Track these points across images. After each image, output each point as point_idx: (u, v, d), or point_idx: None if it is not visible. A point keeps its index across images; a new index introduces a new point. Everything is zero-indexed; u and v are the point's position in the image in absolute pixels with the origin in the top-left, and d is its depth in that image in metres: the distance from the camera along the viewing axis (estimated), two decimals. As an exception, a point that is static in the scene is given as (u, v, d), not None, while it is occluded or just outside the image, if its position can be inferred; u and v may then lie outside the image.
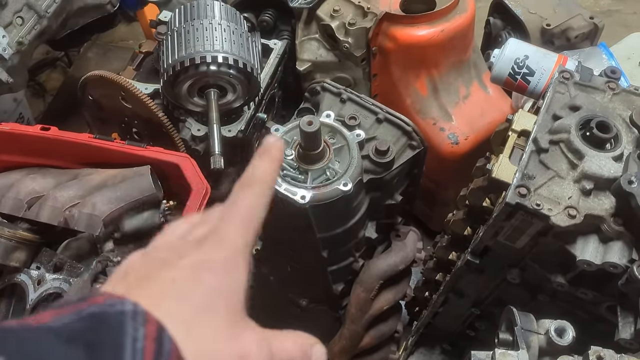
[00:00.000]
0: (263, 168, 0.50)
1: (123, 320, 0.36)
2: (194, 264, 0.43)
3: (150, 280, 0.42)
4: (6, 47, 1.38)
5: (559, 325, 0.82)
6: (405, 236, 1.46)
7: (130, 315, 0.36)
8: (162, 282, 0.42)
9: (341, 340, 1.51)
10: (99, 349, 0.34)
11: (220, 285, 0.43)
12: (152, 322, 0.36)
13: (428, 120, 1.57)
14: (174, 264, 0.44)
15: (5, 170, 1.30)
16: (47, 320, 0.36)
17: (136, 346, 0.35)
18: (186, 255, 0.44)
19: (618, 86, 1.04)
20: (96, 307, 0.37)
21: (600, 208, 0.90)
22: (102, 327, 0.35)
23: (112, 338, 0.35)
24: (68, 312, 0.36)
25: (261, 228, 0.49)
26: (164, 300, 0.40)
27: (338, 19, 1.50)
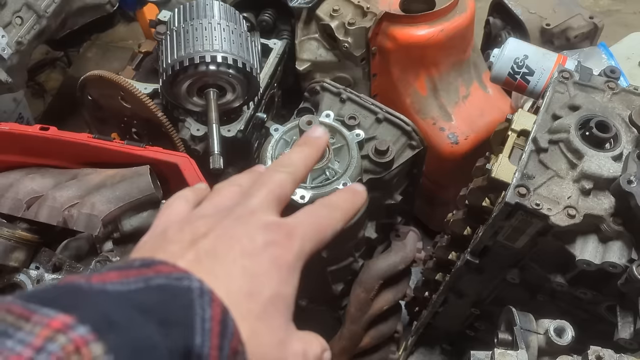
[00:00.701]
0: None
1: (191, 298, 0.35)
2: (271, 255, 0.43)
3: (217, 260, 0.41)
4: (5, 47, 1.38)
5: (558, 325, 0.82)
6: (405, 236, 1.46)
7: (197, 294, 0.35)
8: (231, 267, 0.41)
9: (341, 340, 1.51)
10: (170, 326, 0.33)
11: (285, 286, 0.43)
12: (217, 304, 0.36)
13: (428, 120, 1.57)
14: (245, 245, 0.42)
15: (4, 170, 1.30)
16: (113, 281, 0.34)
17: (205, 327, 0.34)
18: (258, 237, 0.43)
19: (617, 86, 1.04)
20: (163, 278, 0.35)
21: (599, 208, 0.89)
22: (173, 303, 0.34)
23: (183, 316, 0.34)
24: (133, 277, 0.35)
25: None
26: (232, 289, 0.39)
27: (337, 19, 1.49)
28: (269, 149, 1.21)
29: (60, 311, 0.29)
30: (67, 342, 0.28)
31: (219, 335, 0.35)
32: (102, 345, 0.29)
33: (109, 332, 0.30)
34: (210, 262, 0.40)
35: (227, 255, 0.41)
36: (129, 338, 0.30)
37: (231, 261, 0.41)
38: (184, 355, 0.33)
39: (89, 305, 0.31)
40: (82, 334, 0.29)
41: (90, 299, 0.32)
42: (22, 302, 0.30)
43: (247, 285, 0.40)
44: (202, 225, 0.44)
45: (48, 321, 0.29)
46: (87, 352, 0.28)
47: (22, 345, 0.27)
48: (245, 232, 0.43)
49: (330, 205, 0.52)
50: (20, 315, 0.29)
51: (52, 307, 0.30)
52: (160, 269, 0.36)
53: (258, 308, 0.40)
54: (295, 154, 0.54)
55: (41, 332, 0.28)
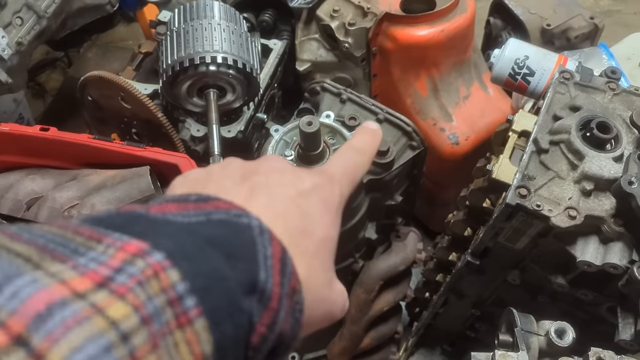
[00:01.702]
0: (363, 140, 0.54)
1: (252, 235, 0.35)
2: (320, 197, 0.44)
3: (273, 198, 0.41)
4: (5, 47, 1.38)
5: (559, 327, 0.82)
6: (406, 237, 1.46)
7: (257, 232, 0.35)
8: (287, 205, 0.41)
9: (341, 341, 1.50)
10: (236, 259, 0.33)
11: (333, 228, 0.45)
12: (277, 243, 0.36)
13: (428, 121, 1.57)
14: (296, 185, 0.43)
15: (4, 171, 1.30)
16: (173, 212, 0.34)
17: (267, 264, 0.34)
18: (305, 179, 0.44)
19: (618, 86, 1.04)
20: (223, 214, 0.36)
21: (600, 209, 0.89)
22: (237, 238, 0.34)
23: (247, 251, 0.34)
24: (193, 210, 0.35)
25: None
26: (289, 227, 0.40)
27: (338, 19, 1.49)
28: (269, 149, 1.20)
29: (133, 237, 0.29)
30: (145, 267, 0.28)
31: (280, 272, 0.35)
32: (178, 271, 0.29)
33: (183, 260, 0.30)
34: (266, 198, 0.41)
35: (282, 193, 0.42)
36: (202, 267, 0.31)
37: (287, 199, 0.42)
38: (250, 289, 0.33)
39: (159, 233, 0.31)
40: (159, 260, 0.29)
41: (159, 228, 0.32)
42: (91, 225, 0.30)
43: (303, 224, 0.41)
44: (252, 164, 0.45)
45: (122, 244, 0.28)
46: (165, 277, 0.28)
47: (96, 264, 0.27)
48: (294, 175, 0.44)
49: (357, 149, 0.53)
50: (90, 237, 0.29)
51: (123, 232, 0.29)
52: (218, 204, 0.36)
53: (312, 247, 0.41)
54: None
55: (117, 254, 0.28)
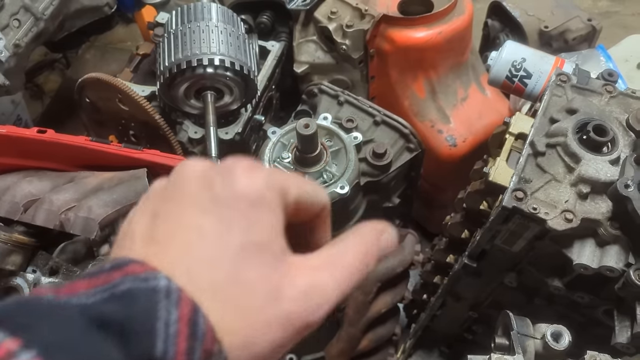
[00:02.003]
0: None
1: (156, 300, 0.32)
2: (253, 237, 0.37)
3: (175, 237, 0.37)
4: (3, 49, 1.38)
5: (555, 330, 0.82)
6: (403, 239, 1.46)
7: (163, 294, 0.32)
8: (215, 249, 0.36)
9: (339, 343, 1.50)
10: (130, 336, 0.31)
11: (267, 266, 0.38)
12: (186, 302, 0.33)
13: (426, 123, 1.57)
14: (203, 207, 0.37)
15: (1, 173, 1.30)
16: (80, 292, 0.32)
17: (169, 332, 0.31)
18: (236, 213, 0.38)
19: (615, 89, 1.04)
20: (130, 281, 0.33)
21: (597, 212, 0.89)
22: (135, 310, 0.32)
23: (144, 323, 0.31)
24: (101, 285, 0.32)
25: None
26: (189, 264, 0.35)
27: (335, 21, 1.49)
28: (266, 151, 1.21)
29: (8, 334, 0.28)
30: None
31: (188, 337, 0.32)
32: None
33: (61, 353, 0.28)
34: (169, 240, 0.37)
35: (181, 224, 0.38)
36: (83, 358, 0.29)
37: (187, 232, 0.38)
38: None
39: (41, 326, 0.29)
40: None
41: (43, 319, 0.30)
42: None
43: (205, 254, 0.36)
44: (210, 182, 0.40)
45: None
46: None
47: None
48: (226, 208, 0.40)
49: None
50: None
51: (2, 327, 0.28)
52: (130, 270, 0.33)
53: (244, 291, 0.36)
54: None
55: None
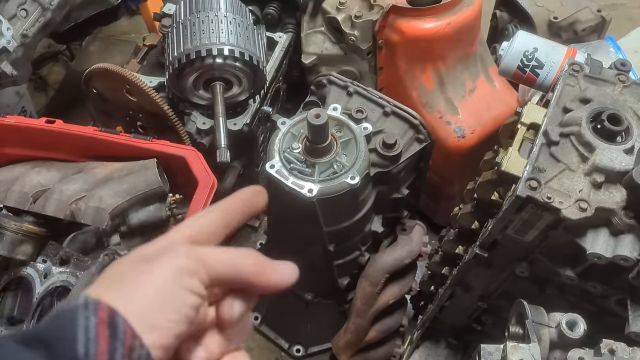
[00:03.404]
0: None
1: (76, 312, 0.37)
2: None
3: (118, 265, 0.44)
4: (10, 39, 1.37)
5: (571, 319, 0.82)
6: (411, 230, 1.46)
7: (82, 307, 0.38)
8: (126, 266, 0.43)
9: (347, 334, 1.51)
10: (55, 345, 0.36)
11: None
12: (104, 308, 0.38)
13: (434, 114, 1.57)
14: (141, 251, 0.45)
15: (10, 164, 1.30)
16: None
17: (89, 335, 0.36)
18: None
19: (628, 79, 1.03)
20: (58, 309, 0.39)
21: (611, 201, 0.89)
22: (57, 324, 0.37)
23: (67, 332, 0.36)
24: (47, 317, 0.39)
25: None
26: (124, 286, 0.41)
27: (344, 12, 1.49)
28: (276, 142, 1.20)
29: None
30: None
31: (109, 336, 0.37)
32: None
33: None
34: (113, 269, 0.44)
35: (127, 259, 0.45)
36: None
37: (128, 261, 0.45)
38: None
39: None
40: None
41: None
42: None
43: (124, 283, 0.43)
44: None
45: None
46: None
47: None
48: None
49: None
50: None
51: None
52: (63, 303, 0.42)
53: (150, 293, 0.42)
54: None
55: None
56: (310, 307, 1.60)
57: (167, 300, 0.40)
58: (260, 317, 1.79)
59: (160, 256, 0.43)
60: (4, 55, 1.38)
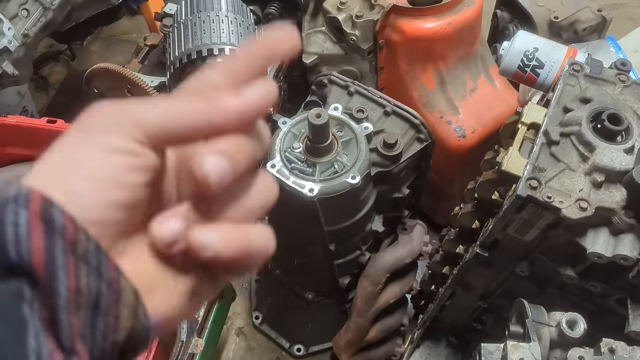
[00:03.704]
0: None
1: (4, 208, 0.31)
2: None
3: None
4: (12, 39, 1.37)
5: (571, 318, 0.82)
6: (412, 229, 1.46)
7: (12, 200, 0.31)
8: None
9: (347, 333, 1.51)
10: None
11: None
12: (36, 199, 0.31)
13: (435, 114, 1.57)
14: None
15: (11, 163, 1.30)
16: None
17: (18, 232, 0.30)
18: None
19: (628, 78, 1.03)
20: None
21: (611, 200, 0.89)
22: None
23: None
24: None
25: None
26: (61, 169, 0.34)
27: (345, 12, 1.49)
28: (277, 141, 1.20)
29: None
30: None
31: (44, 233, 0.31)
32: None
33: None
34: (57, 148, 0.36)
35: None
36: None
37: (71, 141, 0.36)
38: (7, 273, 0.29)
39: None
40: None
41: None
42: None
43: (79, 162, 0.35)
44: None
45: None
46: None
47: None
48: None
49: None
50: None
51: None
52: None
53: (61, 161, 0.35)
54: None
55: None
56: (311, 306, 1.60)
57: (105, 187, 0.33)
58: (261, 316, 1.79)
59: (100, 123, 0.35)
60: (6, 55, 1.38)
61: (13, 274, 0.30)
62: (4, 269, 0.30)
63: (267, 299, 1.78)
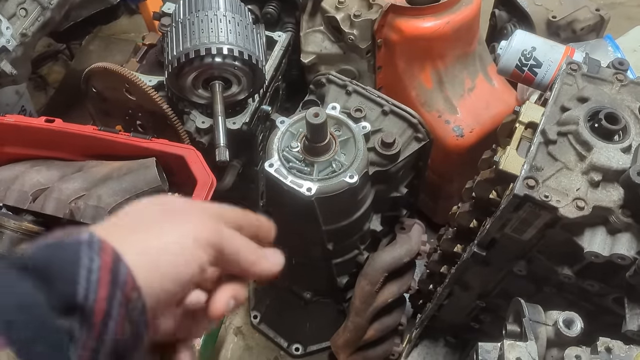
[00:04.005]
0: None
1: (78, 249, 0.34)
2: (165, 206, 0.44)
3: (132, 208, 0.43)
4: (10, 38, 1.37)
5: (567, 317, 0.82)
6: (410, 229, 1.46)
7: (86, 244, 0.35)
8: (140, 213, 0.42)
9: (345, 332, 1.51)
10: (50, 281, 0.32)
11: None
12: (108, 251, 0.35)
13: (433, 113, 1.57)
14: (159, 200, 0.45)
15: (9, 163, 1.30)
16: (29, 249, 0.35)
17: (91, 278, 0.33)
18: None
19: (626, 78, 1.03)
20: (60, 237, 0.35)
21: (608, 200, 0.89)
22: (57, 257, 0.34)
23: (66, 269, 0.33)
24: (36, 245, 0.35)
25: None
26: (132, 229, 0.39)
27: (343, 11, 1.49)
28: (275, 141, 1.20)
29: None
30: None
31: (109, 283, 0.34)
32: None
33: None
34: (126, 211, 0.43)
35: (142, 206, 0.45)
36: (5, 299, 0.30)
37: (144, 208, 0.45)
38: (66, 309, 0.32)
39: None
40: None
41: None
42: None
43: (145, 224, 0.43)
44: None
45: None
46: None
47: None
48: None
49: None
50: None
51: None
52: (61, 234, 0.36)
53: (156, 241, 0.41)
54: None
55: None
56: (309, 305, 1.60)
57: (175, 263, 0.38)
58: (260, 315, 1.79)
59: (189, 212, 0.41)
60: (4, 55, 1.38)
61: (71, 312, 0.33)
62: (66, 306, 0.32)
63: (266, 299, 1.78)
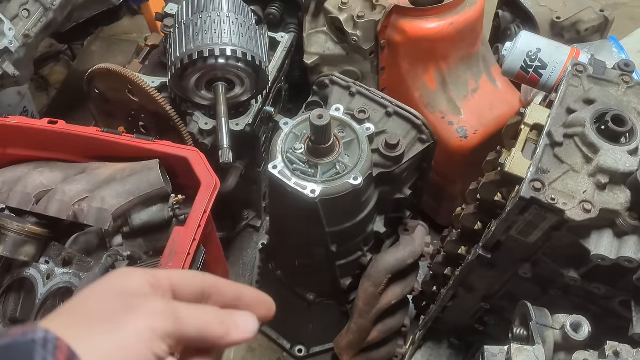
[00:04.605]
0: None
1: (33, 349, 0.34)
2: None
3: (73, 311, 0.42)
4: (12, 40, 1.37)
5: (575, 320, 0.82)
6: (414, 230, 1.45)
7: (40, 344, 0.35)
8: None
9: (349, 334, 1.50)
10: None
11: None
12: (64, 350, 0.35)
13: (436, 114, 1.56)
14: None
15: (12, 164, 1.30)
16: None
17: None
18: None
19: (632, 79, 1.03)
20: (13, 337, 0.35)
21: (615, 202, 0.89)
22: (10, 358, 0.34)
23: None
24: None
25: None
26: (89, 323, 0.39)
27: (346, 12, 1.48)
28: (279, 142, 1.20)
29: None
30: None
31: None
32: None
33: None
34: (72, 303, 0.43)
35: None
36: None
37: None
38: None
39: None
40: None
41: None
42: None
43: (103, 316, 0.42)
44: None
45: None
46: None
47: None
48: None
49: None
50: None
51: None
52: (14, 332, 0.36)
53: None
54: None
55: None
56: (312, 307, 1.60)
57: (133, 348, 0.39)
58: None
59: (140, 304, 0.41)
60: (6, 56, 1.38)
61: None
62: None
63: (268, 300, 1.77)
